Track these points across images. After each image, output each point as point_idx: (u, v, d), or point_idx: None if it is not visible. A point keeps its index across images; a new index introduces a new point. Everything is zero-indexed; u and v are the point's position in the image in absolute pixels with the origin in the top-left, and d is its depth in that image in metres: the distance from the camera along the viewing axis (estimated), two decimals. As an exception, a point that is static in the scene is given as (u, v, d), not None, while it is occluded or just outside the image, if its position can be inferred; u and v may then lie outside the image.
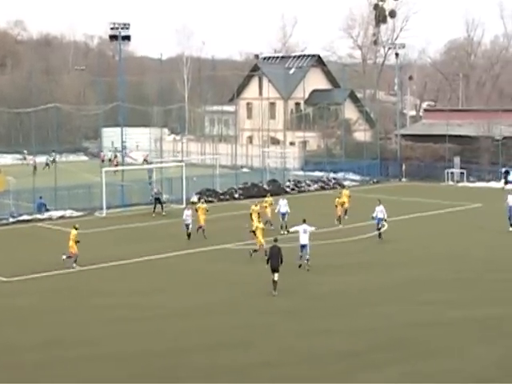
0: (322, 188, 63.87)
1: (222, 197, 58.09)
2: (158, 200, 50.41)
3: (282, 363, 21.54)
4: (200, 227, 40.57)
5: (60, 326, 25.32)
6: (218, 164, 63.24)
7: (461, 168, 69.54)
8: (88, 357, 22.03)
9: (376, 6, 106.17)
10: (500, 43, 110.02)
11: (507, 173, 64.89)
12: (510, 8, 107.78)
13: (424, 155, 72.55)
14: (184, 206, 52.41)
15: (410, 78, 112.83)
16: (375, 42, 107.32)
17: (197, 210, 41.43)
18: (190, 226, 40.51)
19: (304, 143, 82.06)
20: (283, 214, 42.63)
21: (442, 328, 24.55)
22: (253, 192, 59.36)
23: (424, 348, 22.66)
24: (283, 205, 43.01)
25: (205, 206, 42.20)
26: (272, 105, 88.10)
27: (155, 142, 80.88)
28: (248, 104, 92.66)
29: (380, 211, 39.75)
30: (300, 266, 32.85)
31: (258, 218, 39.21)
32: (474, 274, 32.52)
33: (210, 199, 56.93)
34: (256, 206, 41.24)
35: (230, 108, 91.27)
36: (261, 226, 36.38)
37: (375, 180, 70.51)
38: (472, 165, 69.67)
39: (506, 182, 64.35)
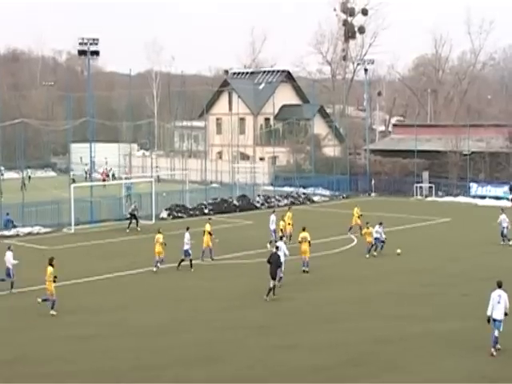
0: (292, 203, 63.81)
1: (191, 212, 57.91)
2: (133, 216, 50.24)
3: (250, 378, 21.40)
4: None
5: (28, 343, 25.00)
6: (187, 179, 63.09)
7: (429, 183, 70.01)
8: (55, 374, 21.76)
9: (345, 22, 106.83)
10: (467, 59, 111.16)
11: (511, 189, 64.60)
12: (476, 24, 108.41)
13: (393, 170, 72.99)
14: (153, 221, 52.32)
15: (379, 93, 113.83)
16: (344, 58, 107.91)
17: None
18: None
19: (274, 158, 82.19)
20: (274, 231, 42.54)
21: (408, 342, 24.57)
22: (222, 207, 59.36)
23: (391, 363, 22.66)
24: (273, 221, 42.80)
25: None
26: (242, 120, 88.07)
27: (124, 157, 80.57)
28: (218, 119, 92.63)
29: (376, 232, 39.92)
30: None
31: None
32: (440, 288, 32.65)
33: (179, 215, 56.86)
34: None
35: (199, 123, 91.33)
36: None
37: (345, 195, 70.74)
38: (440, 179, 70.18)
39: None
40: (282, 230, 41.79)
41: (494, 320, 23.33)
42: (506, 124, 70.45)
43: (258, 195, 65.13)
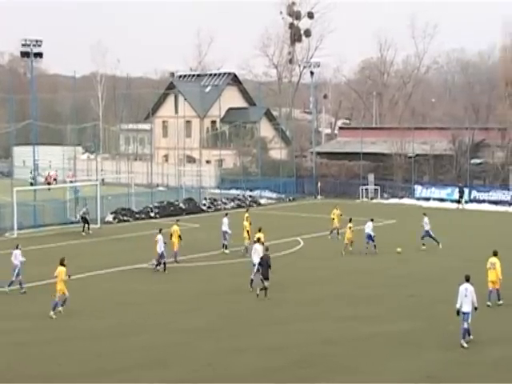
0: (239, 206, 63.77)
1: (137, 216, 57.42)
2: (84, 219, 49.78)
3: (199, 382, 21.19)
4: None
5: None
6: (133, 183, 62.51)
7: (375, 185, 70.60)
8: (1, 380, 21.32)
9: (291, 25, 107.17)
10: (412, 63, 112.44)
11: (462, 191, 65.15)
12: (420, 28, 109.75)
13: (339, 172, 73.42)
14: (99, 225, 51.72)
15: (325, 96, 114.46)
16: (291, 61, 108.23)
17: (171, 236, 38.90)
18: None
19: (220, 161, 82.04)
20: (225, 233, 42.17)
21: (358, 343, 24.62)
22: (169, 210, 58.98)
23: (341, 364, 22.68)
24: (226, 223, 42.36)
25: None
26: (188, 123, 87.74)
27: (69, 160, 79.53)
28: (164, 122, 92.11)
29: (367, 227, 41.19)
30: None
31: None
32: (387, 289, 32.84)
33: (125, 218, 56.32)
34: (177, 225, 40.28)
35: (145, 126, 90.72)
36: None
37: (291, 197, 70.87)
38: (386, 182, 70.83)
39: (460, 201, 64.18)
40: (248, 232, 40.76)
41: (463, 313, 24.06)
42: (450, 127, 71.35)
43: (205, 198, 64.88)
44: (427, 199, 66.56)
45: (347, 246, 41.58)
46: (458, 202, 64.18)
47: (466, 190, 65.39)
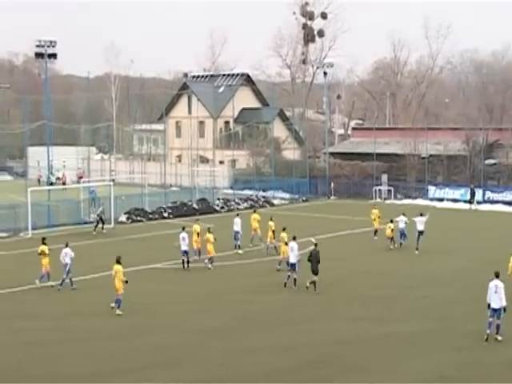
0: (252, 206, 63.63)
1: (150, 216, 57.49)
2: (100, 218, 50.05)
3: (211, 382, 21.27)
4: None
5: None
6: (146, 183, 62.68)
7: (388, 185, 70.45)
8: (9, 380, 21.40)
9: (305, 26, 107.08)
10: (425, 63, 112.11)
11: (473, 192, 65.09)
12: (434, 29, 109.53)
13: (352, 173, 73.32)
14: (112, 225, 51.90)
15: (339, 96, 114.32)
16: (304, 61, 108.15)
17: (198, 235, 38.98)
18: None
19: (233, 162, 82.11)
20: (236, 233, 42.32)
21: (370, 344, 24.64)
22: (182, 211, 59.04)
23: (353, 364, 22.71)
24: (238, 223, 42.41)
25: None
26: (201, 123, 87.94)
27: (83, 161, 79.87)
28: (177, 123, 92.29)
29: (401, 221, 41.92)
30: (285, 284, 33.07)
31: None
32: (399, 290, 32.83)
33: (138, 218, 56.47)
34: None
35: (158, 127, 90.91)
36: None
37: (304, 198, 70.84)
38: (399, 182, 70.68)
39: (472, 202, 63.99)
40: (273, 232, 40.87)
41: (493, 309, 24.34)
42: (463, 127, 71.14)
43: (218, 198, 64.90)
44: (441, 200, 66.37)
45: (391, 241, 42.70)
46: (470, 202, 63.99)
47: (479, 191, 65.14)
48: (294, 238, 33.86)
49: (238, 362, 22.98)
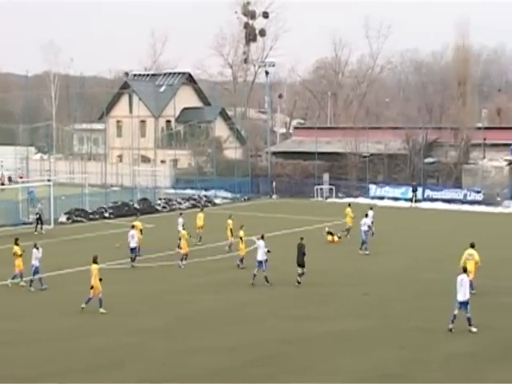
0: (194, 206, 63.51)
1: (91, 216, 56.86)
2: (39, 217, 49.31)
3: (153, 382, 21.04)
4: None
5: None
6: (87, 183, 61.86)
7: (330, 184, 70.83)
8: None
9: (246, 25, 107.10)
10: (366, 63, 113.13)
11: (415, 189, 65.76)
12: (375, 28, 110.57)
13: (294, 172, 73.51)
14: (52, 226, 51.08)
15: (280, 96, 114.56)
16: (245, 61, 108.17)
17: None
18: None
19: (175, 161, 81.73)
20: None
21: (310, 342, 24.65)
22: (123, 211, 58.52)
23: (293, 363, 22.68)
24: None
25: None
26: (142, 123, 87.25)
27: (21, 160, 78.49)
28: (118, 122, 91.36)
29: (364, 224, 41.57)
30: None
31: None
32: (341, 288, 32.95)
33: (79, 219, 55.77)
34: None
35: (99, 126, 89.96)
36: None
37: (246, 197, 70.81)
38: (340, 181, 71.12)
39: (416, 200, 64.83)
40: (231, 230, 41.25)
41: (459, 302, 24.99)
42: (404, 127, 71.92)
43: (159, 198, 64.51)
44: (381, 198, 66.95)
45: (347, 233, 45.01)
46: (411, 200, 64.76)
47: (420, 189, 65.94)
48: (262, 237, 34.26)
49: (181, 362, 22.81)
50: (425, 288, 32.62)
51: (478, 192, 64.54)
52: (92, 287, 28.66)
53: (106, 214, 57.65)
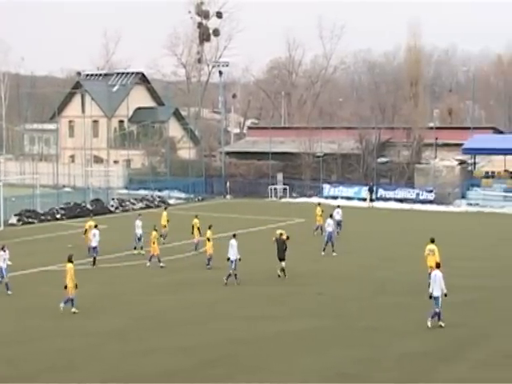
0: (147, 206, 63.10)
1: (43, 217, 56.07)
2: None
3: (108, 383, 20.83)
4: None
5: None
6: (38, 184, 61.03)
7: (284, 184, 70.91)
8: None
9: (200, 25, 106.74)
10: (319, 63, 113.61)
11: (371, 190, 66.05)
12: (328, 29, 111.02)
13: (248, 172, 73.45)
14: (1, 228, 50.27)
15: (234, 96, 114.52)
16: (199, 61, 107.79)
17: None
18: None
19: (128, 161, 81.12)
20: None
21: (265, 342, 24.60)
22: (75, 212, 57.88)
23: (248, 363, 22.61)
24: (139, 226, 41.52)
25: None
26: (95, 123, 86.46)
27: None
28: (70, 122, 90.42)
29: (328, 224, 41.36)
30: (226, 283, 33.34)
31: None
32: (296, 287, 32.92)
33: (30, 220, 54.99)
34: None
35: (51, 126, 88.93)
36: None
37: (200, 197, 70.55)
38: (294, 181, 71.23)
39: (371, 199, 65.17)
40: (198, 229, 41.25)
41: (434, 297, 25.63)
42: (357, 126, 72.31)
43: (113, 199, 63.91)
44: (335, 198, 67.15)
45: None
46: (368, 199, 65.02)
47: (375, 189, 66.35)
48: (234, 236, 34.40)
49: (134, 364, 22.59)
50: (379, 287, 32.76)
51: (430, 191, 65.15)
52: (66, 287, 28.32)
53: (58, 216, 56.95)
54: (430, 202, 64.41)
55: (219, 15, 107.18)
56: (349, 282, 33.90)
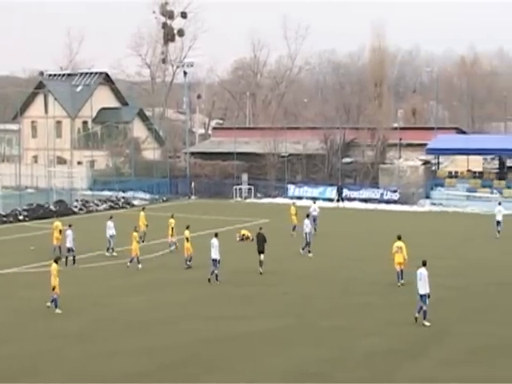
0: (111, 207, 62.65)
1: (5, 219, 55.42)
2: None
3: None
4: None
5: None
6: (0, 185, 60.30)
7: (248, 184, 70.87)
8: None
9: (164, 25, 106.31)
10: (284, 63, 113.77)
11: (340, 190, 66.04)
12: (293, 29, 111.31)
13: (213, 173, 73.32)
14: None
15: (199, 96, 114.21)
16: (164, 61, 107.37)
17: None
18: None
19: (92, 162, 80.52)
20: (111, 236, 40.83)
21: (230, 343, 24.49)
22: (38, 213, 57.28)
23: (212, 364, 22.47)
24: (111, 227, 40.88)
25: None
26: (58, 123, 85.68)
27: None
28: (33, 122, 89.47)
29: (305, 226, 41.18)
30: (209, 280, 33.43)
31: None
32: (260, 287, 32.86)
33: (-8, 221, 54.37)
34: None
35: (13, 127, 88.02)
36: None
37: (165, 198, 70.24)
38: (259, 181, 71.22)
39: (340, 200, 65.09)
40: (172, 229, 41.28)
41: (419, 295, 25.88)
42: (322, 127, 72.50)
43: (76, 200, 63.40)
44: (300, 198, 67.20)
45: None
46: (338, 200, 65.08)
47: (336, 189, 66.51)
48: (216, 235, 34.45)
49: (98, 366, 22.31)
50: (345, 287, 32.80)
51: (395, 191, 65.50)
52: (54, 288, 28.21)
53: (21, 217, 56.29)
54: (395, 201, 64.77)
55: (184, 15, 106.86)
56: (315, 282, 33.89)
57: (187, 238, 36.90)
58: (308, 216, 43.18)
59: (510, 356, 23.02)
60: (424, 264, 26.23)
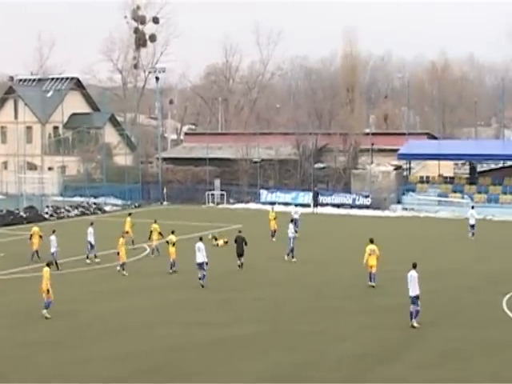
0: (83, 213, 62.24)
1: (-26, 225, 54.84)
2: None
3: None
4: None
5: None
6: (-31, 191, 59.77)
7: (221, 190, 70.75)
8: None
9: (136, 30, 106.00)
10: (257, 69, 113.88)
11: (317, 195, 65.97)
12: (265, 35, 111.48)
13: (185, 178, 73.14)
14: None
15: (171, 101, 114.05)
16: (136, 66, 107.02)
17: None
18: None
19: (63, 168, 79.96)
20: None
21: (203, 349, 24.33)
22: (8, 219, 56.79)
23: (186, 370, 22.31)
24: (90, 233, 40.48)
25: None
26: (29, 129, 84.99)
27: None
28: (2, 128, 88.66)
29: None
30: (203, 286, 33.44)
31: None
32: (234, 293, 32.77)
33: (-39, 228, 53.72)
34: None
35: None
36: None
37: (137, 204, 69.91)
38: (232, 187, 71.12)
39: (316, 205, 65.00)
40: (160, 233, 41.62)
41: (410, 297, 25.99)
42: (294, 132, 72.58)
43: (47, 206, 62.89)
44: (272, 203, 67.10)
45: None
46: (314, 205, 64.92)
47: (310, 195, 66.42)
48: (201, 239, 34.72)
49: (69, 374, 22.03)
50: (318, 291, 32.78)
51: (367, 196, 65.68)
52: (48, 291, 28.03)
53: (-10, 223, 55.75)
54: (367, 206, 64.96)
55: (156, 21, 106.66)
56: (290, 287, 33.83)
57: (173, 243, 36.90)
58: (292, 221, 43.22)
59: (481, 358, 23.12)
60: (414, 266, 26.45)
